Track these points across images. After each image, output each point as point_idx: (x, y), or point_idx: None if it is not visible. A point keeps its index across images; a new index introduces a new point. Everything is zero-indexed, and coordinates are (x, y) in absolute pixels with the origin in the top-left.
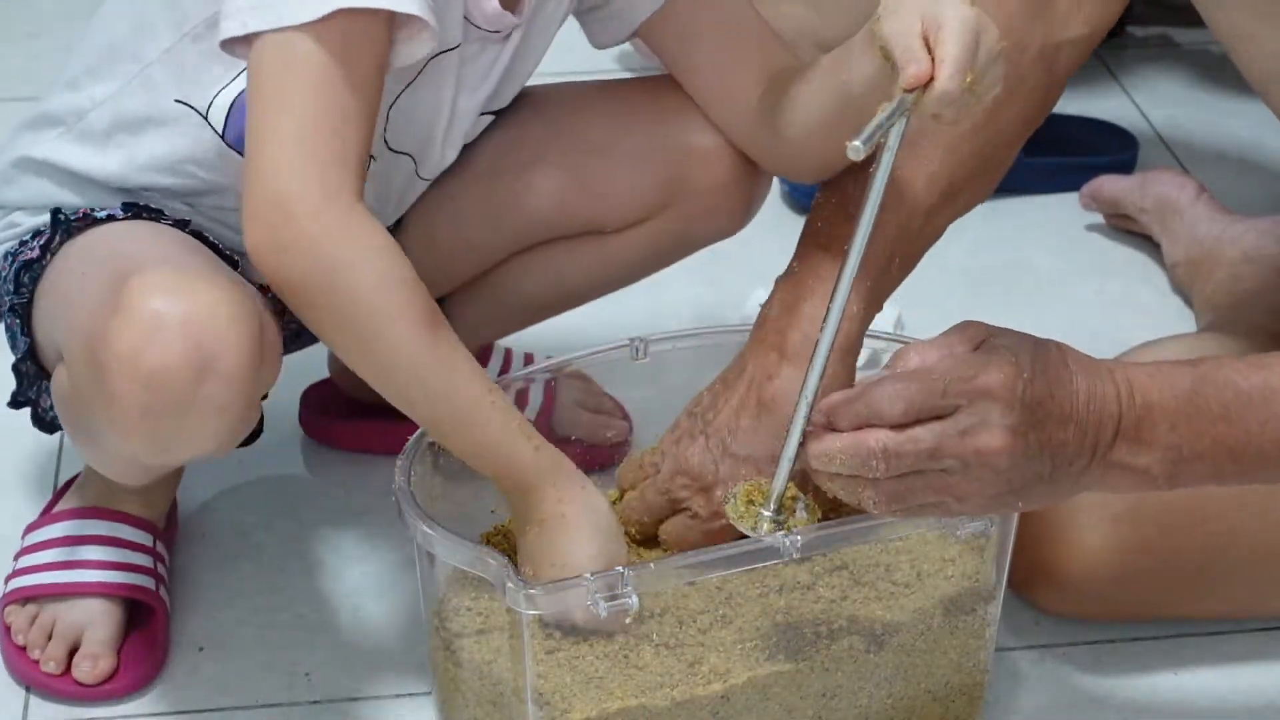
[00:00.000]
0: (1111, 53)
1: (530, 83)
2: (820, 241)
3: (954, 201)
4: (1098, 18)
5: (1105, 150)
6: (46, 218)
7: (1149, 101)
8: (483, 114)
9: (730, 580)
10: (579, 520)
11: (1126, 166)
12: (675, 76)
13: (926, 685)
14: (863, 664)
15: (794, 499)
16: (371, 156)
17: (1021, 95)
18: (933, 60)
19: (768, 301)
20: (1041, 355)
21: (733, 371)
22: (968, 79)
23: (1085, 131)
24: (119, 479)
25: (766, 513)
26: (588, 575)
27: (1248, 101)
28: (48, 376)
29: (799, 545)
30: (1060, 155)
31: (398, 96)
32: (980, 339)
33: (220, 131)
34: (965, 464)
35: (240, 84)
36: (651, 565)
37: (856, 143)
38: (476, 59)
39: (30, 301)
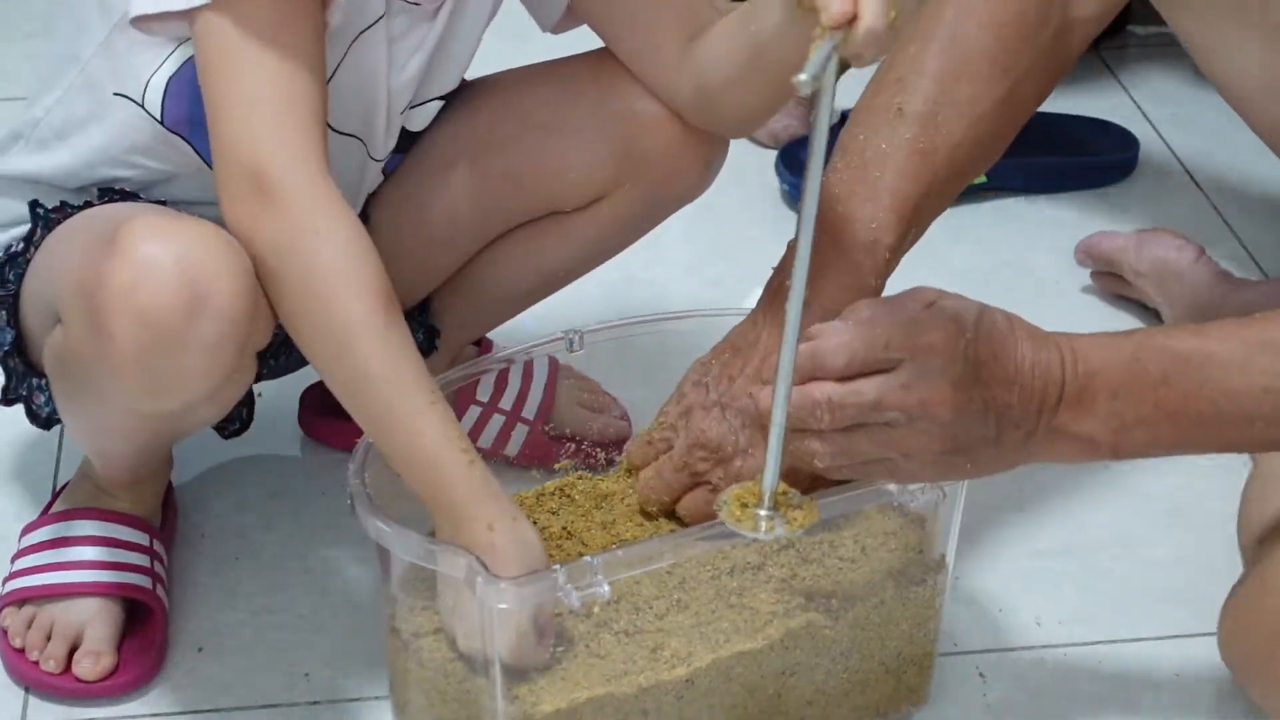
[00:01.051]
0: (1111, 52)
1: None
2: (838, 209)
3: (964, 176)
4: None
5: (1105, 150)
6: (16, 232)
7: (1149, 101)
8: (429, 100)
9: (681, 565)
10: (508, 552)
11: (1127, 166)
12: (607, 44)
13: (880, 658)
14: (820, 640)
15: (785, 494)
16: None
17: (1040, 70)
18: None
19: (779, 267)
20: (987, 319)
21: (743, 339)
22: (891, 14)
23: (1085, 131)
24: (110, 462)
25: (763, 512)
26: (557, 566)
27: None
28: (37, 374)
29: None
30: (1060, 155)
31: (331, 75)
32: (930, 301)
33: (159, 117)
34: (909, 416)
35: (169, 66)
36: (620, 552)
37: (803, 76)
38: (405, 36)
39: (15, 295)
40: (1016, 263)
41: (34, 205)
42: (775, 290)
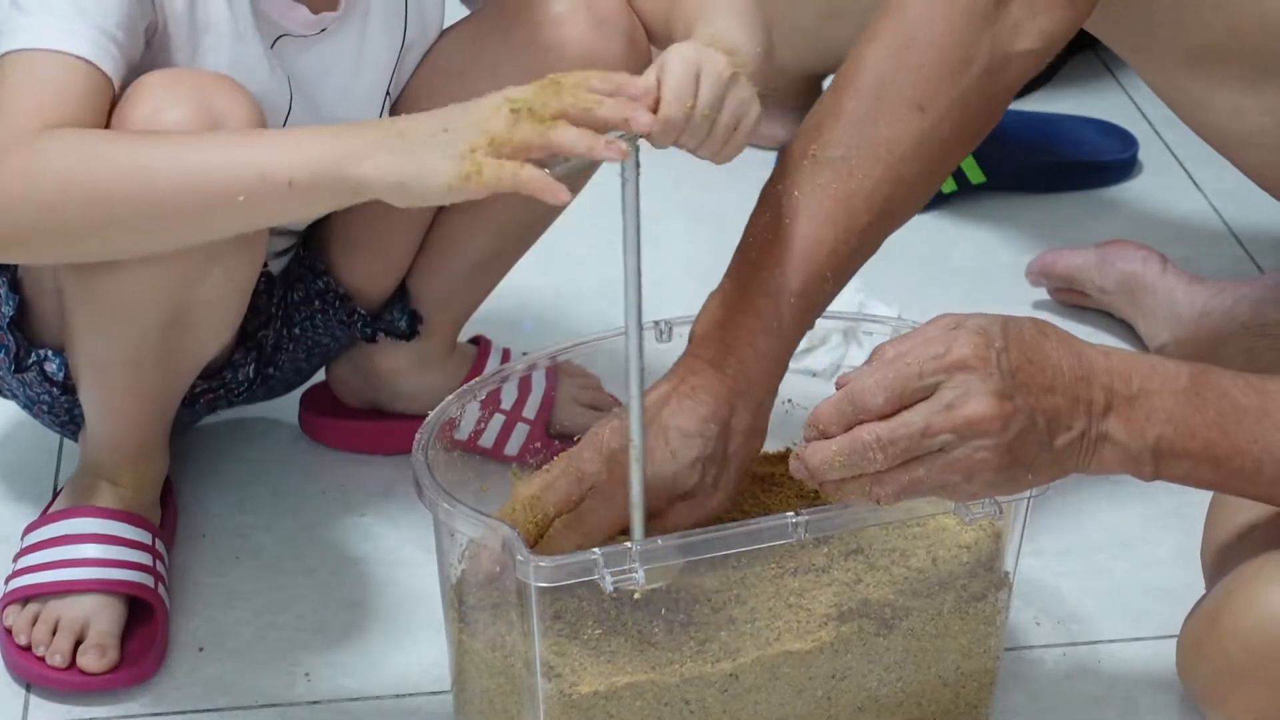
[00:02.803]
0: (1111, 53)
1: None
2: (750, 257)
3: (890, 218)
4: (1052, 28)
5: (1105, 150)
6: None
7: (1149, 101)
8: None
9: (745, 561)
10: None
11: (1126, 166)
12: None
13: (936, 670)
14: (872, 647)
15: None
16: None
17: (963, 109)
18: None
19: (698, 318)
20: (1013, 326)
21: (662, 378)
22: (688, 104)
23: (1085, 131)
24: (120, 417)
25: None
26: (596, 551)
27: None
28: (39, 345)
29: (808, 526)
30: (1060, 155)
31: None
32: (954, 325)
33: None
34: (960, 437)
35: None
36: (659, 541)
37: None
38: (339, 52)
39: (15, 266)
40: (1016, 264)
41: None
42: (693, 337)
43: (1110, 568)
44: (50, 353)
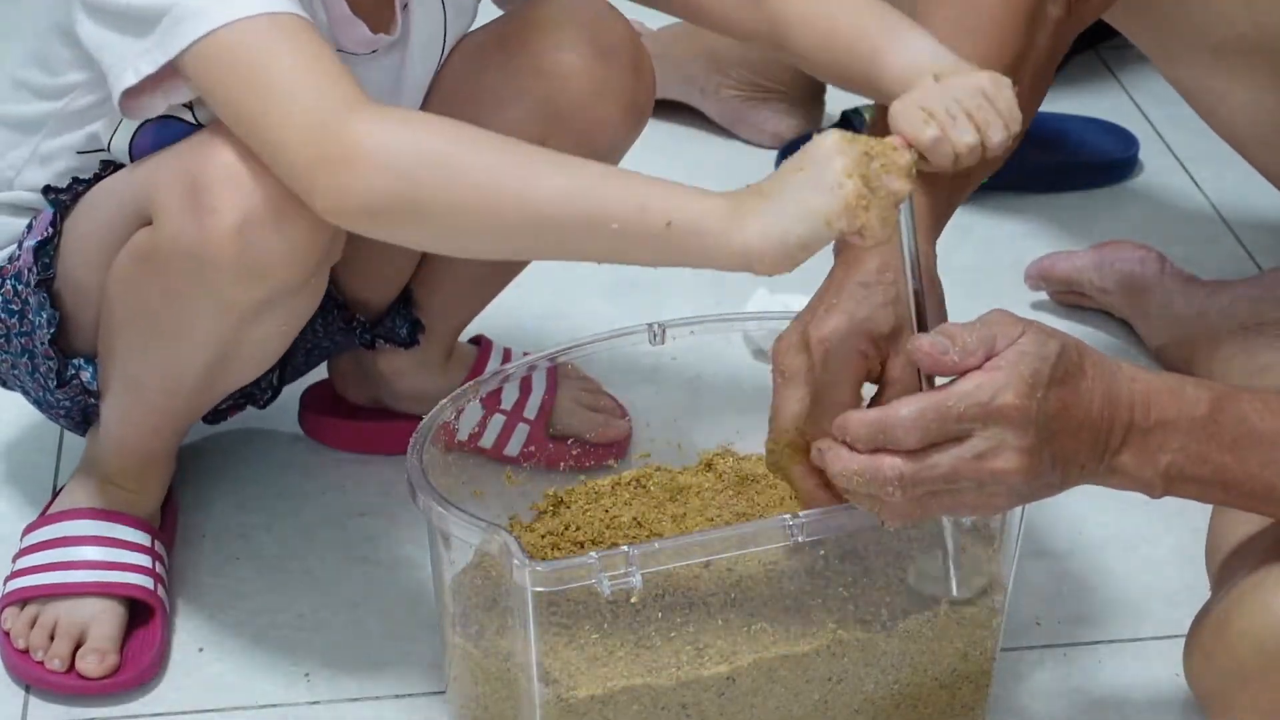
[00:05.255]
0: (1111, 53)
1: None
2: None
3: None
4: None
5: (1105, 150)
6: (12, 248)
7: (1149, 101)
8: None
9: (740, 563)
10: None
11: (1127, 166)
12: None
13: (933, 673)
14: (869, 650)
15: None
16: None
17: (1043, 59)
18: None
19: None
20: (1061, 368)
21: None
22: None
23: (1085, 131)
24: (141, 431)
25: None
26: (593, 555)
27: None
28: (72, 355)
29: (805, 529)
30: (1060, 155)
31: None
32: (1011, 339)
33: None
34: (980, 483)
35: (127, 128)
36: (656, 545)
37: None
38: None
39: (53, 278)
40: (1016, 264)
41: (46, 191)
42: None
43: (1110, 568)
44: (84, 361)
